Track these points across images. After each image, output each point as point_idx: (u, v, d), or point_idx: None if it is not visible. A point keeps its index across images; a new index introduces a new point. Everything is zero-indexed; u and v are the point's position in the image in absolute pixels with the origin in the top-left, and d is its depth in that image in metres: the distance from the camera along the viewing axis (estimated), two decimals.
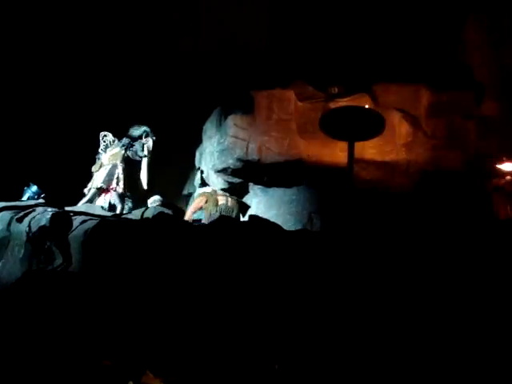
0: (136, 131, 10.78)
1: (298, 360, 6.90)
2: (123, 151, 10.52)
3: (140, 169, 10.61)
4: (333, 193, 10.37)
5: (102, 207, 9.29)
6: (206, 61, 14.00)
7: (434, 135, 10.73)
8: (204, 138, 12.35)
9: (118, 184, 10.06)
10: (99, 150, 10.68)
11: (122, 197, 10.05)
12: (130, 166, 10.67)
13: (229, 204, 10.43)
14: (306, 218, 10.72)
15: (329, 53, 11.71)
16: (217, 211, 10.10)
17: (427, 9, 11.42)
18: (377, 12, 11.73)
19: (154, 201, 10.24)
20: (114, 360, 7.87)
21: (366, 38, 11.79)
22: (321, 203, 10.75)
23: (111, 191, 10.05)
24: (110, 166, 10.28)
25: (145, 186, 10.49)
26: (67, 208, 8.11)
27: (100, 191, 10.06)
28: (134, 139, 10.67)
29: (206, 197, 10.35)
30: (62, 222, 7.16)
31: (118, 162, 10.36)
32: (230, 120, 11.12)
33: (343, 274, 7.05)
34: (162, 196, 10.51)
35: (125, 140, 10.61)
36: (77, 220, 7.25)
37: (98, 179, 10.08)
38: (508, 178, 9.82)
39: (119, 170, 10.29)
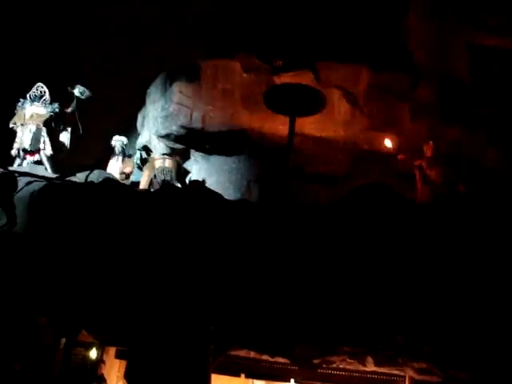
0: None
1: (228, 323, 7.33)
2: (48, 116, 10.31)
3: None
4: (272, 164, 10.75)
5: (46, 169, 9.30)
6: (153, 25, 13.89)
7: (371, 115, 11.22)
8: (148, 101, 12.36)
9: (45, 147, 9.99)
10: (26, 98, 10.31)
11: (50, 158, 10.03)
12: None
13: (166, 165, 10.72)
14: (245, 187, 11.06)
15: (275, 26, 11.95)
16: (154, 173, 10.53)
17: None
18: None
19: (116, 140, 10.62)
20: (50, 317, 8.08)
21: (312, 15, 12.09)
22: (260, 173, 11.12)
23: (39, 153, 9.98)
24: (34, 128, 10.07)
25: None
26: (11, 168, 8.13)
27: (26, 152, 9.96)
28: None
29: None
30: (7, 182, 7.22)
31: (42, 125, 10.18)
32: (176, 87, 11.21)
33: (276, 242, 7.49)
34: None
35: (53, 106, 10.35)
36: (22, 181, 7.33)
37: (24, 141, 9.91)
38: (427, 157, 10.42)
39: (44, 133, 10.15)
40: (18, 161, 9.82)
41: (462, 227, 7.21)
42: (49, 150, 9.97)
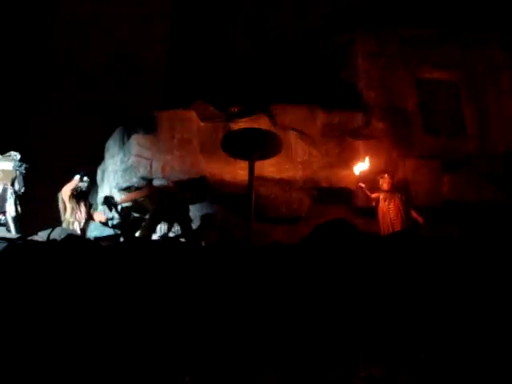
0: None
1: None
2: (15, 173, 9.91)
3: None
4: (234, 208, 10.84)
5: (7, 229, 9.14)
6: (106, 77, 14.06)
7: (327, 153, 11.51)
8: (106, 156, 12.38)
9: (11, 207, 9.70)
10: None
11: (15, 219, 9.74)
12: None
13: None
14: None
15: (228, 74, 12.25)
16: None
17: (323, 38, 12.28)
18: (273, 38, 12.42)
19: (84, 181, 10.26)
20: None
21: (264, 60, 12.46)
22: (223, 219, 11.18)
23: (4, 214, 9.72)
24: (1, 188, 9.75)
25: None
26: None
27: None
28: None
29: None
30: None
31: (9, 185, 9.82)
32: (134, 139, 11.27)
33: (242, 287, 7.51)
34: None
35: (18, 163, 10.01)
36: None
37: None
38: (384, 190, 10.64)
39: (10, 194, 9.79)
40: None
41: (425, 257, 7.36)
42: (13, 212, 9.64)
